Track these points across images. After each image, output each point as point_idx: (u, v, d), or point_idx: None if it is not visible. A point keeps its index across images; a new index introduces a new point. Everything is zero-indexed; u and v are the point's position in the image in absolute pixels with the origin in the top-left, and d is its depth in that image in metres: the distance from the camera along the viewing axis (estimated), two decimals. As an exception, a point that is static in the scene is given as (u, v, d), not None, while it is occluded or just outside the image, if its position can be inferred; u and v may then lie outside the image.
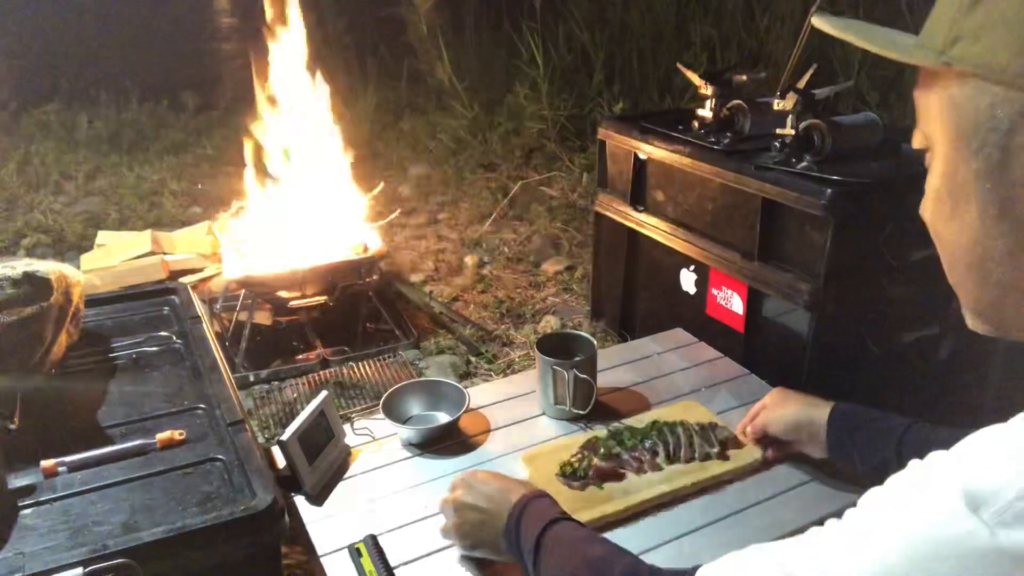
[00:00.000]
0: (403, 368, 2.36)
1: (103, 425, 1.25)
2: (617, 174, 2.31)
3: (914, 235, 1.72)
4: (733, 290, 1.91)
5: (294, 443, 1.20)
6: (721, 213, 1.94)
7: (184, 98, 5.48)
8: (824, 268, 1.64)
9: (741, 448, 1.30)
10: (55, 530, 1.01)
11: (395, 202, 3.77)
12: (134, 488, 1.10)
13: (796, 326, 1.75)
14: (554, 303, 2.81)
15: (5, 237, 3.50)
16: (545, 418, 1.44)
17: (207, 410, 1.28)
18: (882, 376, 1.79)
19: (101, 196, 4.04)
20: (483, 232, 3.48)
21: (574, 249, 3.24)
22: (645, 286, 2.32)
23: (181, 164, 4.49)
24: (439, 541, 1.12)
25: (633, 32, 4.43)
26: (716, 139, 1.96)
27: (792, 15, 3.89)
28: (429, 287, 2.97)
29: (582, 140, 4.18)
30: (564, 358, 1.41)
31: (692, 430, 1.31)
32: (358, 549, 1.09)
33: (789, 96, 1.77)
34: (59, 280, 1.32)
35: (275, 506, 1.02)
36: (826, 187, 1.61)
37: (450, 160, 4.36)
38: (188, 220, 3.60)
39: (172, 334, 1.53)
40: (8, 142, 4.75)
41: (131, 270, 2.89)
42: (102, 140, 4.85)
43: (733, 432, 1.33)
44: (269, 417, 2.13)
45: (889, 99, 3.45)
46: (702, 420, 1.36)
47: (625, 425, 1.35)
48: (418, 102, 5.16)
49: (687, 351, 1.68)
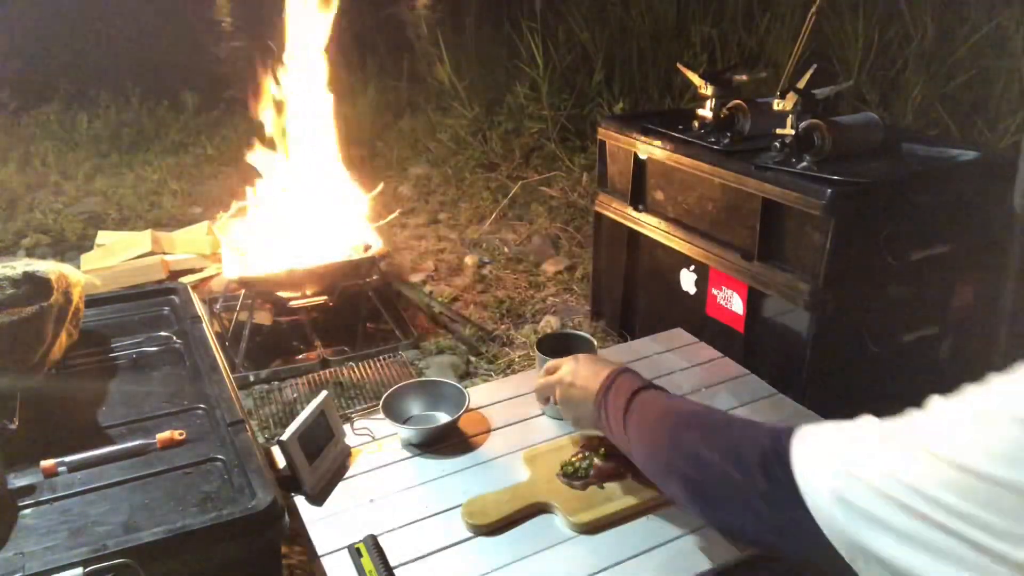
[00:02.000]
0: (403, 368, 2.36)
1: (103, 425, 1.25)
2: (617, 174, 2.31)
3: (914, 235, 1.73)
4: (733, 290, 1.91)
5: (294, 443, 1.20)
6: (721, 213, 1.94)
7: (184, 98, 5.47)
8: (824, 268, 1.64)
9: None
10: (55, 530, 1.01)
11: (395, 202, 3.77)
12: (134, 488, 1.09)
13: (796, 326, 1.75)
14: (554, 303, 2.81)
15: (5, 237, 3.50)
16: (545, 418, 1.43)
17: (207, 410, 1.28)
18: (882, 376, 1.79)
19: (101, 196, 4.04)
20: (483, 232, 3.48)
21: (574, 249, 3.24)
22: (645, 286, 2.32)
23: (181, 164, 4.49)
24: (439, 541, 1.12)
25: (633, 32, 4.43)
26: (716, 139, 1.96)
27: (792, 15, 3.89)
28: (429, 287, 2.97)
29: (582, 140, 4.18)
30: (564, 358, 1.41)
31: None
32: (358, 549, 1.09)
33: (789, 96, 1.77)
34: (59, 280, 1.32)
35: (275, 506, 1.02)
36: (826, 187, 1.61)
37: (450, 160, 4.36)
38: (188, 220, 3.60)
39: (172, 334, 1.53)
40: (8, 142, 4.75)
41: (131, 270, 2.90)
42: (102, 140, 4.85)
43: None
44: (269, 417, 2.13)
45: (889, 99, 3.45)
46: None
47: None
48: (418, 102, 5.16)
49: (687, 351, 1.68)
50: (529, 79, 4.32)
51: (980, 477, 0.52)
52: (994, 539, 0.51)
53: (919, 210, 1.73)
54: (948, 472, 0.54)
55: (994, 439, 0.53)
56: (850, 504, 0.60)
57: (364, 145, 4.54)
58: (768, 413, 1.43)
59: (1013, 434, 0.52)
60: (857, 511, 0.59)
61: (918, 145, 1.89)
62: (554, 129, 4.20)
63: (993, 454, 0.52)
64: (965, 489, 0.53)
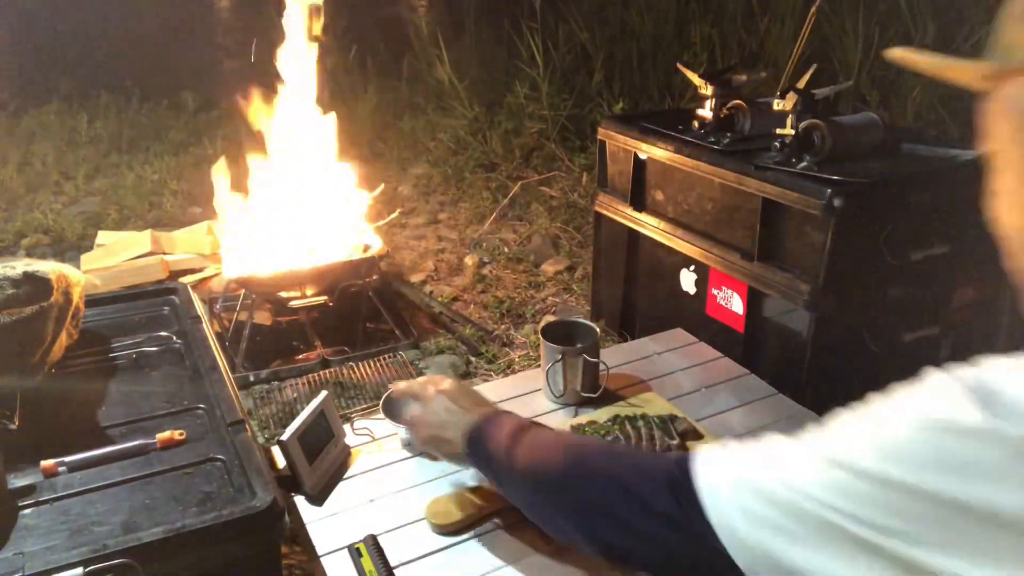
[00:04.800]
0: (403, 368, 2.36)
1: (103, 425, 1.25)
2: (617, 174, 2.31)
3: (914, 235, 1.73)
4: (733, 290, 1.91)
5: (294, 443, 1.20)
6: (721, 213, 1.94)
7: (184, 98, 5.47)
8: (824, 268, 1.64)
9: (701, 439, 1.32)
10: (55, 530, 1.01)
11: (395, 202, 3.77)
12: (134, 488, 1.09)
13: (796, 326, 1.75)
14: (554, 303, 2.81)
15: (5, 237, 3.51)
16: (544, 418, 1.44)
17: (207, 410, 1.28)
18: (882, 376, 1.78)
19: (101, 196, 4.04)
20: (483, 232, 3.48)
21: (574, 249, 3.24)
22: (645, 286, 2.32)
23: (181, 164, 4.49)
24: (439, 541, 1.12)
25: (633, 32, 4.43)
26: (716, 139, 1.96)
27: (792, 15, 3.88)
28: (429, 287, 2.97)
29: (582, 140, 4.18)
30: (568, 346, 1.43)
31: (652, 423, 1.32)
32: (358, 549, 1.09)
33: (789, 96, 1.77)
34: (59, 280, 1.32)
35: (275, 506, 1.02)
36: (826, 187, 1.61)
37: (450, 160, 4.36)
38: (188, 220, 3.60)
39: (172, 334, 1.52)
40: (8, 142, 4.75)
41: (131, 270, 2.90)
42: (102, 140, 4.85)
43: (693, 424, 1.35)
44: (269, 417, 2.13)
45: (889, 99, 3.45)
46: (662, 412, 1.38)
47: (588, 420, 1.37)
48: (418, 102, 5.16)
49: (687, 351, 1.68)
50: (529, 79, 4.32)
51: (872, 479, 0.53)
52: (886, 538, 0.52)
53: (919, 210, 1.73)
54: (840, 475, 0.55)
55: (887, 442, 0.53)
56: (751, 513, 0.60)
57: (364, 145, 4.54)
58: (768, 413, 1.43)
59: (905, 435, 0.53)
60: (757, 520, 0.59)
61: (918, 145, 1.89)
62: (554, 129, 4.20)
63: (886, 456, 0.53)
64: (857, 491, 0.54)
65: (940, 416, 0.51)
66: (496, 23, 5.09)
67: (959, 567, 0.49)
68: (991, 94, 0.60)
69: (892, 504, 0.52)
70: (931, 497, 0.50)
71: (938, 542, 0.50)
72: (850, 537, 0.53)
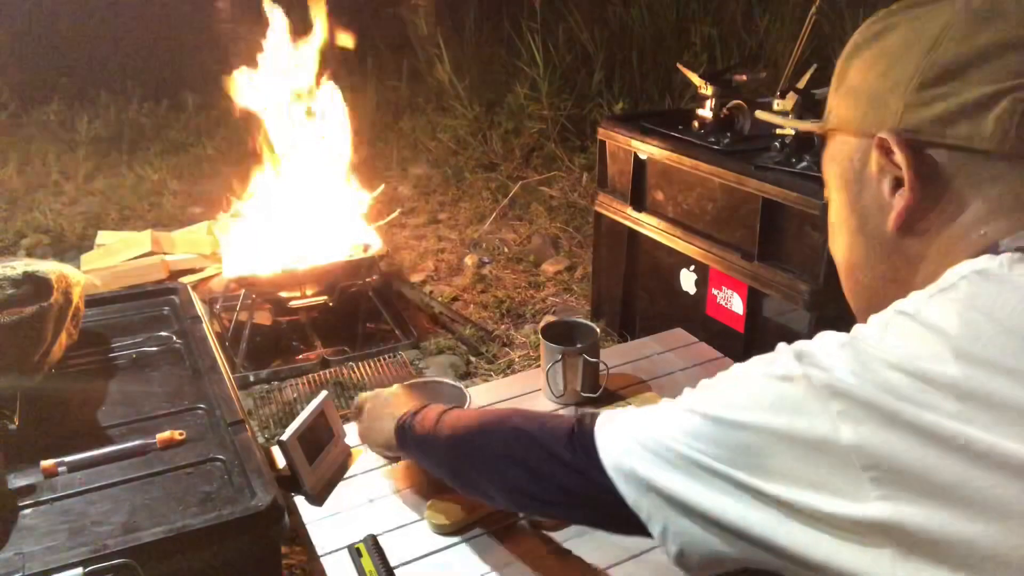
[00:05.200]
0: (403, 368, 2.36)
1: (103, 425, 1.25)
2: (617, 174, 2.31)
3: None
4: (733, 290, 1.91)
5: (294, 443, 1.20)
6: (721, 213, 1.94)
7: (184, 98, 5.47)
8: (824, 268, 1.64)
9: None
10: (55, 530, 1.01)
11: (395, 202, 3.77)
12: (134, 488, 1.09)
13: (796, 326, 1.75)
14: (554, 303, 2.81)
15: (5, 237, 3.51)
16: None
17: (207, 410, 1.28)
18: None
19: (101, 196, 4.04)
20: (483, 232, 3.48)
21: (574, 249, 3.24)
22: (645, 286, 2.32)
23: (181, 164, 4.49)
24: (439, 541, 1.12)
25: (633, 32, 4.43)
26: (716, 139, 1.96)
27: (792, 15, 3.89)
28: (429, 287, 2.97)
29: (582, 140, 4.19)
30: (568, 346, 1.42)
31: None
32: (358, 549, 1.09)
33: (789, 96, 1.77)
34: (59, 280, 1.32)
35: (275, 506, 1.02)
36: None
37: (450, 160, 4.36)
38: (188, 220, 3.60)
39: (172, 334, 1.52)
40: (8, 142, 4.75)
41: (131, 270, 2.90)
42: (102, 140, 4.85)
43: None
44: (269, 417, 2.13)
45: (889, 99, 3.45)
46: None
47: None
48: (418, 102, 5.16)
49: (687, 351, 1.68)
50: (529, 79, 4.32)
51: (718, 420, 0.63)
52: (734, 470, 0.60)
53: (919, 210, 1.72)
54: (696, 420, 0.65)
55: (733, 392, 0.64)
56: (633, 453, 0.70)
57: (364, 145, 4.53)
58: (768, 413, 1.43)
59: (745, 386, 0.63)
60: (638, 457, 0.70)
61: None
62: (554, 129, 4.20)
63: (730, 403, 0.63)
64: (707, 431, 0.63)
65: (771, 370, 0.62)
66: (496, 23, 5.09)
67: (789, 493, 0.57)
68: (825, 147, 0.77)
69: (732, 440, 0.61)
70: (761, 430, 0.59)
71: (770, 470, 0.59)
72: (707, 469, 0.63)
